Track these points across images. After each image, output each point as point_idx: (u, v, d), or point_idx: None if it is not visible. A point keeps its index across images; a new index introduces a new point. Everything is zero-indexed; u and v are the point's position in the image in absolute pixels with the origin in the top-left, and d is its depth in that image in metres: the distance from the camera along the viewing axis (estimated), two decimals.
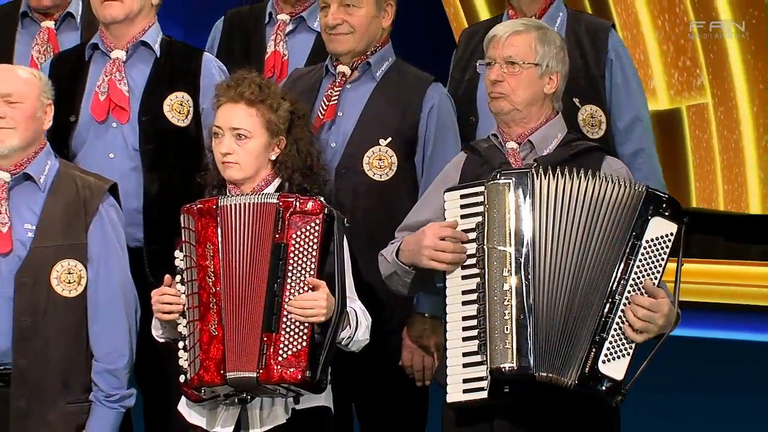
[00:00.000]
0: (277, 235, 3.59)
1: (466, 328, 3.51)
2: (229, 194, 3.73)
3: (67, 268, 3.72)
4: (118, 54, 4.22)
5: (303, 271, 3.57)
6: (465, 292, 3.53)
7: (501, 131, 3.73)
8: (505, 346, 3.43)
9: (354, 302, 3.69)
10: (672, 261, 3.48)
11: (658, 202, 3.48)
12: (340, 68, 4.12)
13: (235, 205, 3.63)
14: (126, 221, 3.93)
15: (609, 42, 4.33)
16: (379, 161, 4.07)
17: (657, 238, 3.46)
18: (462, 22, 10.31)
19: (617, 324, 3.44)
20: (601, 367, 3.41)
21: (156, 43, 4.26)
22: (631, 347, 3.43)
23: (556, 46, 3.71)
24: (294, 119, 3.79)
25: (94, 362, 3.75)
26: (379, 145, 4.07)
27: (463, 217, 3.56)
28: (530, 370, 3.42)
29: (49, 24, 4.68)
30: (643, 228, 3.46)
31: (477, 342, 3.48)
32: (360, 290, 3.76)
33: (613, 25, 4.44)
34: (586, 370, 3.41)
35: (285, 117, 3.76)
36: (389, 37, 4.18)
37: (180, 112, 4.23)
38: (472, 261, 3.53)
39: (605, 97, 4.32)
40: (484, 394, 3.47)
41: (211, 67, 4.29)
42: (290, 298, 3.55)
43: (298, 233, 3.59)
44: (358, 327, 3.68)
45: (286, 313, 3.55)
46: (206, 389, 3.60)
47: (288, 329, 3.55)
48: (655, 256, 3.46)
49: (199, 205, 3.67)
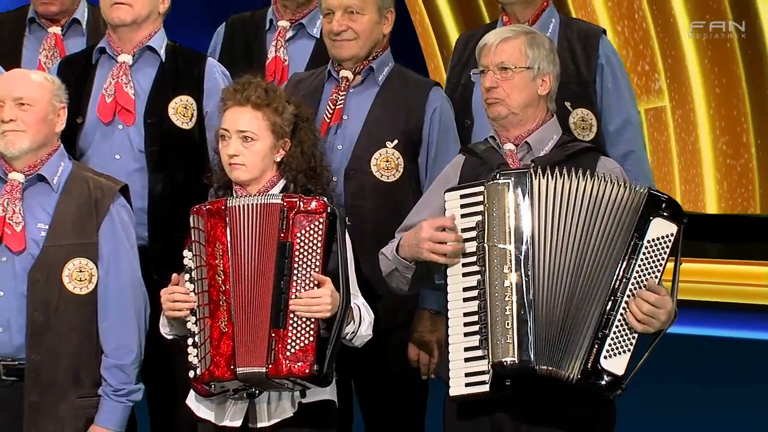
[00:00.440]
0: (282, 234, 3.59)
1: (467, 324, 3.51)
2: (235, 195, 3.73)
3: (79, 266, 3.72)
4: (125, 58, 4.22)
5: (308, 269, 3.57)
6: (466, 289, 3.53)
7: (498, 134, 3.74)
8: (507, 341, 3.43)
9: (357, 298, 3.70)
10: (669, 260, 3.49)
11: (659, 203, 3.49)
12: (343, 73, 4.13)
13: (242, 205, 3.63)
14: None
15: (600, 47, 4.32)
16: (386, 163, 4.08)
17: (658, 239, 3.47)
18: (428, 28, 10.34)
19: (619, 321, 3.44)
20: (603, 362, 3.42)
21: (161, 48, 4.26)
22: (632, 343, 3.45)
23: (546, 49, 3.72)
24: (298, 122, 3.80)
25: (104, 358, 3.75)
26: (386, 147, 4.08)
27: (464, 216, 3.56)
28: (531, 364, 3.42)
29: (56, 30, 4.67)
30: (645, 228, 3.47)
31: (478, 337, 3.48)
32: (367, 287, 3.78)
33: (604, 31, 4.45)
34: (589, 366, 3.42)
35: (290, 120, 3.77)
36: (388, 42, 4.19)
37: (184, 115, 4.23)
38: (473, 259, 3.53)
39: (596, 101, 4.31)
40: (486, 388, 3.47)
41: (214, 71, 4.29)
42: (296, 295, 3.56)
43: (303, 232, 3.59)
44: (362, 322, 3.69)
45: (292, 309, 3.55)
46: (216, 384, 3.59)
47: (295, 325, 3.55)
48: (656, 256, 3.47)
49: (209, 206, 3.66)
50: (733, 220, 9.53)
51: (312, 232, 3.59)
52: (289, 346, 3.53)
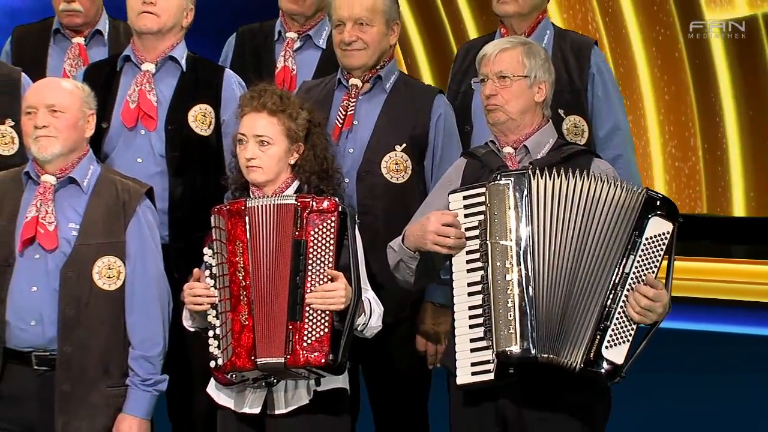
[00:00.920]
0: (296, 233, 3.65)
1: (472, 317, 3.55)
2: (252, 196, 3.78)
3: (108, 263, 3.76)
4: (148, 66, 4.26)
5: (322, 264, 3.63)
6: (470, 284, 3.57)
7: (498, 138, 3.79)
8: (509, 332, 3.48)
9: (367, 292, 3.75)
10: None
11: (655, 203, 3.54)
12: (353, 81, 4.18)
13: (260, 206, 3.68)
14: None
15: (591, 58, 4.38)
16: (396, 165, 4.14)
17: (655, 236, 3.52)
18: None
19: (619, 314, 3.49)
20: (605, 352, 3.47)
21: (182, 58, 4.31)
22: (631, 334, 3.49)
23: (541, 58, 3.78)
24: (311, 127, 3.85)
25: (131, 349, 3.79)
26: (395, 150, 4.14)
27: (467, 216, 3.61)
28: (532, 353, 3.47)
29: (80, 40, 4.74)
30: (644, 226, 3.52)
31: (483, 329, 3.53)
32: (377, 281, 3.83)
33: (596, 42, 4.51)
34: (591, 355, 3.47)
35: (303, 125, 3.82)
36: (394, 52, 4.26)
37: (203, 123, 4.27)
38: (476, 255, 3.57)
39: (587, 108, 4.37)
40: (491, 376, 3.51)
41: (231, 82, 4.34)
42: (311, 290, 3.61)
43: (316, 230, 3.65)
44: (372, 314, 3.73)
45: (308, 302, 3.61)
46: (236, 374, 3.65)
47: (311, 317, 3.61)
48: (654, 252, 3.51)
49: (229, 207, 3.72)
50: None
51: (324, 230, 3.65)
52: (305, 338, 3.59)
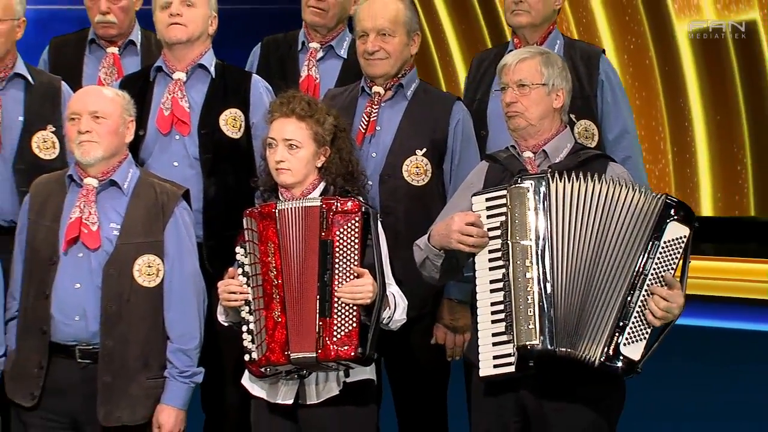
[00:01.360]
0: (323, 233, 3.68)
1: (494, 312, 3.59)
2: (281, 197, 3.81)
3: (147, 261, 3.80)
4: (180, 75, 4.30)
5: (348, 262, 3.65)
6: (492, 281, 3.61)
7: (518, 143, 3.82)
8: (529, 327, 3.51)
9: (391, 287, 3.77)
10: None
11: (673, 208, 3.57)
12: (375, 89, 4.22)
13: (289, 208, 3.71)
14: None
15: (600, 66, 4.42)
16: (416, 169, 4.17)
17: (673, 240, 3.55)
18: None
19: (637, 312, 3.52)
20: (623, 348, 3.50)
21: (211, 65, 4.34)
22: (648, 332, 3.52)
23: (559, 67, 3.82)
24: (337, 132, 3.88)
25: (169, 343, 3.82)
26: (416, 154, 4.17)
27: (489, 217, 3.64)
28: (551, 347, 3.50)
29: (114, 50, 4.76)
30: (663, 230, 3.54)
31: (504, 324, 3.56)
32: (400, 278, 3.85)
33: (604, 51, 4.55)
34: (610, 351, 3.50)
35: (330, 130, 3.85)
36: (414, 62, 4.30)
37: (234, 126, 4.30)
38: (498, 255, 3.60)
39: (597, 113, 4.41)
40: (512, 368, 3.55)
41: (259, 87, 4.38)
42: (339, 287, 3.64)
43: (341, 230, 3.67)
44: (396, 308, 3.76)
45: (336, 299, 3.63)
46: (270, 368, 3.68)
47: (339, 313, 3.64)
48: (671, 255, 3.54)
49: (260, 209, 3.75)
50: None
51: (349, 230, 3.67)
52: (335, 333, 3.62)
